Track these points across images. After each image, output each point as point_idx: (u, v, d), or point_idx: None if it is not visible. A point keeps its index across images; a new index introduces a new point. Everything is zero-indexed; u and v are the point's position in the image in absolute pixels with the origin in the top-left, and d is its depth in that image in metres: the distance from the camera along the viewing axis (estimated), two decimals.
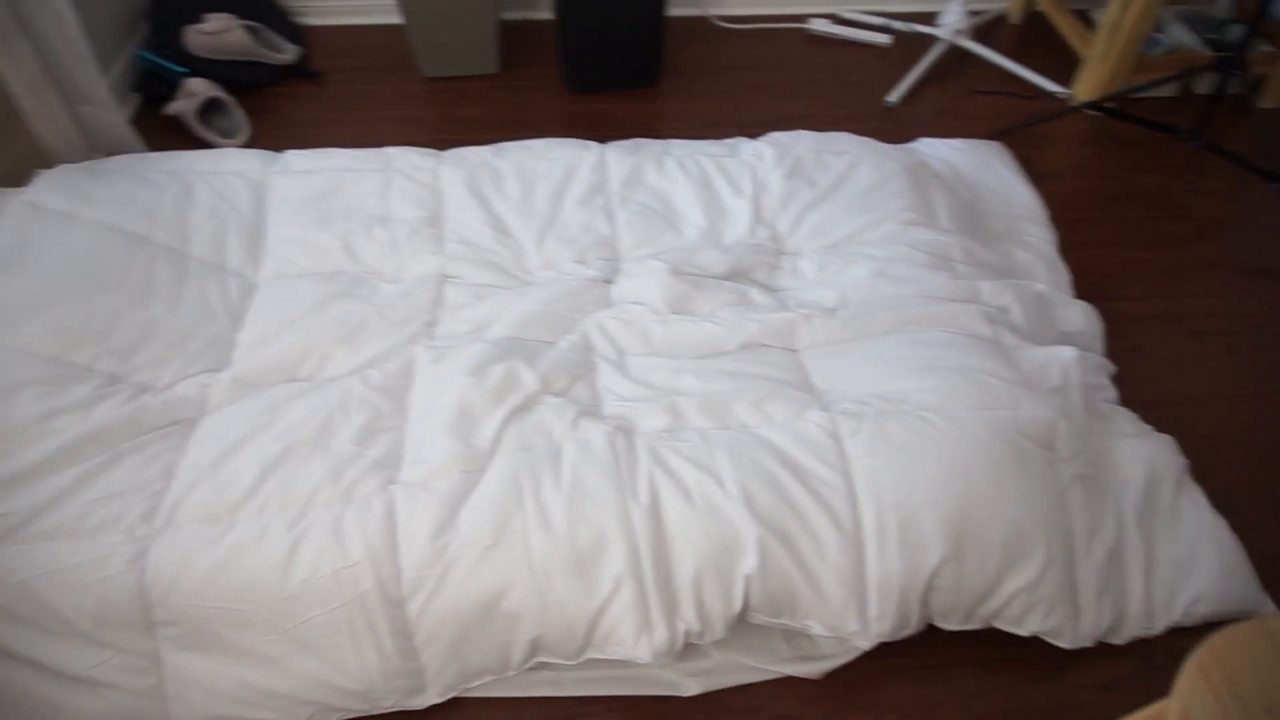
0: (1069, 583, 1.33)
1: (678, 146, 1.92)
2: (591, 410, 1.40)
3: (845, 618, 1.27)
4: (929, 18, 2.71)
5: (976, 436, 1.32)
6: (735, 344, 1.51)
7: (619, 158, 1.86)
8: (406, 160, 1.85)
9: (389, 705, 1.28)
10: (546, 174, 1.81)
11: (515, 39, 2.65)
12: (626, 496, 1.27)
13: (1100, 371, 1.65)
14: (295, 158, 1.85)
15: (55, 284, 1.41)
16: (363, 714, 1.28)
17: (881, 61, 2.61)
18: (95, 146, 2.13)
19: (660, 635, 1.24)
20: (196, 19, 2.37)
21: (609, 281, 1.64)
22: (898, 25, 2.68)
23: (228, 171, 1.79)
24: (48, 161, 1.98)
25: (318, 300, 1.57)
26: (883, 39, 2.67)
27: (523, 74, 2.55)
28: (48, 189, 1.58)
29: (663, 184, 1.81)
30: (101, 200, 1.59)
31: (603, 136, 1.97)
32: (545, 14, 2.73)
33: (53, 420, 1.28)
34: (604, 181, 1.81)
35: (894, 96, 2.45)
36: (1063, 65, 2.53)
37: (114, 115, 2.06)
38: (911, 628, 1.32)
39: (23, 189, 1.63)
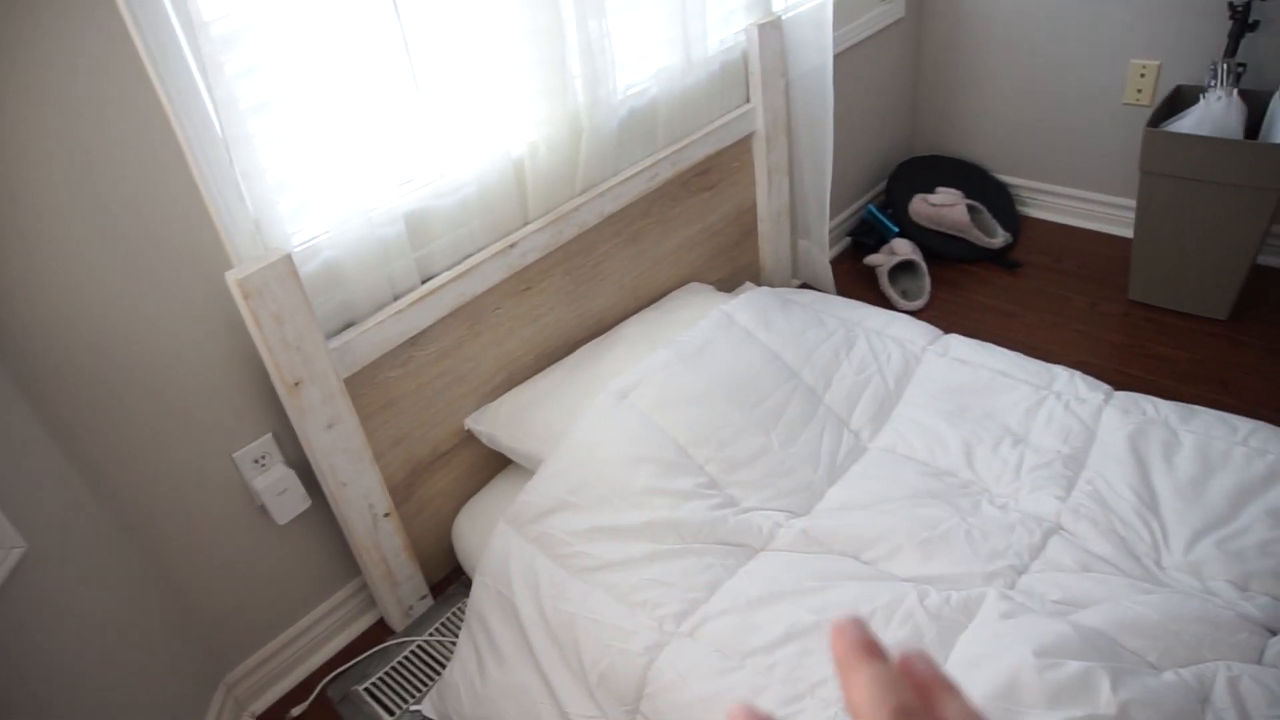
0: None
1: None
2: None
3: None
4: None
5: None
6: None
7: None
8: (1070, 386, 1.68)
9: None
10: (1239, 465, 1.45)
11: (1263, 287, 2.23)
12: None
13: None
14: (956, 343, 1.82)
15: (712, 387, 1.60)
16: None
17: None
18: (796, 274, 2.42)
19: None
20: (929, 189, 2.53)
21: (1273, 632, 1.24)
22: None
23: (891, 335, 1.84)
24: (759, 276, 2.31)
25: (915, 491, 1.50)
26: None
27: (1256, 330, 2.13)
28: (744, 305, 1.82)
29: None
30: (778, 328, 1.77)
31: None
32: None
33: (655, 497, 1.45)
34: None
35: None
36: None
37: (823, 254, 2.31)
38: None
39: (730, 296, 1.92)
